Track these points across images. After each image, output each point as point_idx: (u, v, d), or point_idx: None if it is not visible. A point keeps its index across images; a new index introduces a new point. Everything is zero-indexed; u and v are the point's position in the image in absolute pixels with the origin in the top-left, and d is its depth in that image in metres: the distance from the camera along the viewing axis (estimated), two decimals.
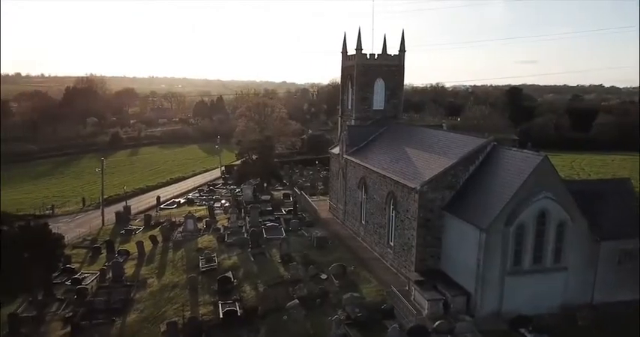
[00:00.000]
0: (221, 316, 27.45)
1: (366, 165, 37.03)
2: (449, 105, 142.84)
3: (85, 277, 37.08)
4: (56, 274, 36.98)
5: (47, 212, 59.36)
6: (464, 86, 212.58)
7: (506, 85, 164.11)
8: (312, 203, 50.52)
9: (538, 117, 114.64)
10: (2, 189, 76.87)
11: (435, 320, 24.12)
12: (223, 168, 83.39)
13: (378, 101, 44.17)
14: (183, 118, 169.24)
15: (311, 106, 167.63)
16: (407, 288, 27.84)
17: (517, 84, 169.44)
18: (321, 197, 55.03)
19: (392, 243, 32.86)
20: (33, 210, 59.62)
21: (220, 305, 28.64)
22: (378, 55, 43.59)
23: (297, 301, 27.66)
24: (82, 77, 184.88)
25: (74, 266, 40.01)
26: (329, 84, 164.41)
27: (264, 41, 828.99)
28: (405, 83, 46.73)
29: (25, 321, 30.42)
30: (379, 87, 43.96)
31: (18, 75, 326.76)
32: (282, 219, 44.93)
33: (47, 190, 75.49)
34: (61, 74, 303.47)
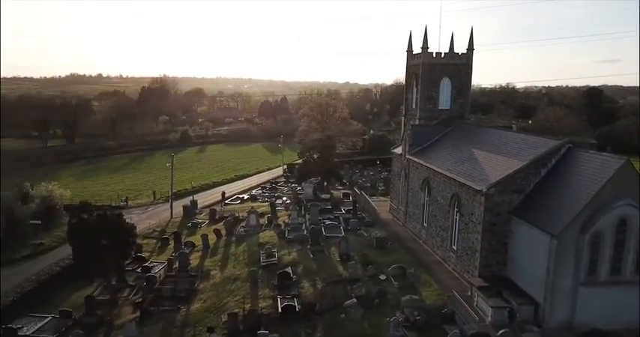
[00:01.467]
0: (279, 310, 27.85)
1: (430, 165, 36.15)
2: (520, 106, 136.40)
3: (154, 266, 39.05)
4: (128, 261, 39.20)
5: (122, 203, 63.13)
6: (536, 87, 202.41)
7: (584, 86, 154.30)
8: (372, 203, 50.09)
9: (620, 120, 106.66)
10: (85, 181, 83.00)
11: (498, 328, 23.03)
12: (285, 166, 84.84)
13: (444, 100, 43.06)
14: (249, 118, 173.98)
15: (373, 106, 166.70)
16: (469, 294, 26.84)
17: (597, 84, 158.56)
18: (382, 198, 54.45)
19: (455, 247, 31.85)
20: (109, 201, 63.63)
21: (279, 299, 29.07)
22: (444, 53, 42.46)
23: (355, 300, 27.52)
24: (156, 77, 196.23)
25: (144, 255, 42.32)
26: (392, 85, 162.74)
27: (328, 42, 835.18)
28: (472, 83, 45.27)
29: (100, 304, 32.58)
30: (445, 86, 42.86)
31: (99, 76, 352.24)
32: (341, 218, 44.94)
33: (122, 183, 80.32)
34: (137, 75, 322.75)
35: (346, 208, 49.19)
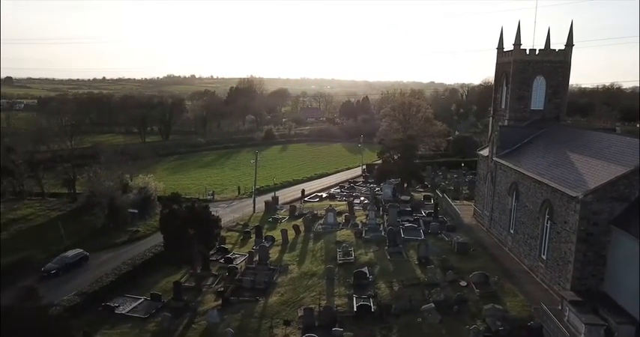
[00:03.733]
0: (355, 309, 27.76)
1: (519, 169, 34.06)
2: (626, 108, 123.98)
3: (235, 257, 40.75)
4: (212, 252, 41.22)
5: (209, 197, 66.58)
6: None
7: None
8: (455, 207, 48.30)
9: None
10: (176, 175, 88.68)
11: None
12: (364, 166, 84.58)
13: (537, 100, 40.44)
14: (330, 118, 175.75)
15: (459, 107, 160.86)
16: (560, 308, 24.87)
17: None
18: (465, 202, 52.37)
19: (544, 257, 29.74)
20: (198, 194, 67.38)
21: (355, 298, 28.99)
22: (539, 50, 39.89)
23: (432, 305, 26.67)
24: (244, 78, 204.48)
25: (227, 246, 44.30)
26: (480, 85, 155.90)
27: (413, 41, 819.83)
28: (570, 83, 41.98)
29: (186, 290, 34.59)
30: (539, 85, 40.24)
31: (193, 77, 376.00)
32: (421, 221, 43.87)
33: (210, 178, 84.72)
34: (227, 76, 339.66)
35: (427, 211, 47.97)
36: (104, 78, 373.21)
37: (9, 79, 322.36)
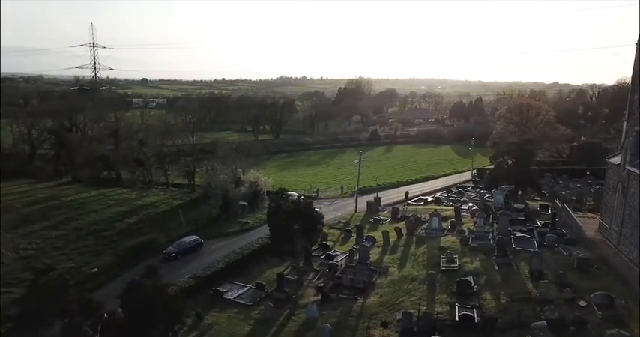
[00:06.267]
0: (456, 318, 26.49)
1: None
2: None
3: (336, 255, 41.19)
4: (314, 247, 42.16)
5: (313, 194, 68.24)
6: None
7: None
8: (577, 219, 43.87)
9: None
10: (284, 171, 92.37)
11: None
12: (475, 170, 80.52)
13: None
14: (439, 119, 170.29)
15: (587, 110, 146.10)
16: None
17: None
18: (589, 214, 47.33)
19: None
20: (303, 191, 69.41)
21: (457, 307, 27.68)
22: None
23: (544, 323, 24.43)
24: (352, 79, 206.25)
25: (329, 243, 44.97)
26: (614, 85, 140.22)
27: (534, 40, 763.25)
28: None
29: (288, 282, 35.77)
30: None
31: (304, 78, 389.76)
32: (535, 232, 40.60)
33: (315, 176, 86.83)
34: (336, 77, 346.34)
35: (543, 222, 44.39)
36: (224, 79, 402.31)
37: (144, 80, 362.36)
